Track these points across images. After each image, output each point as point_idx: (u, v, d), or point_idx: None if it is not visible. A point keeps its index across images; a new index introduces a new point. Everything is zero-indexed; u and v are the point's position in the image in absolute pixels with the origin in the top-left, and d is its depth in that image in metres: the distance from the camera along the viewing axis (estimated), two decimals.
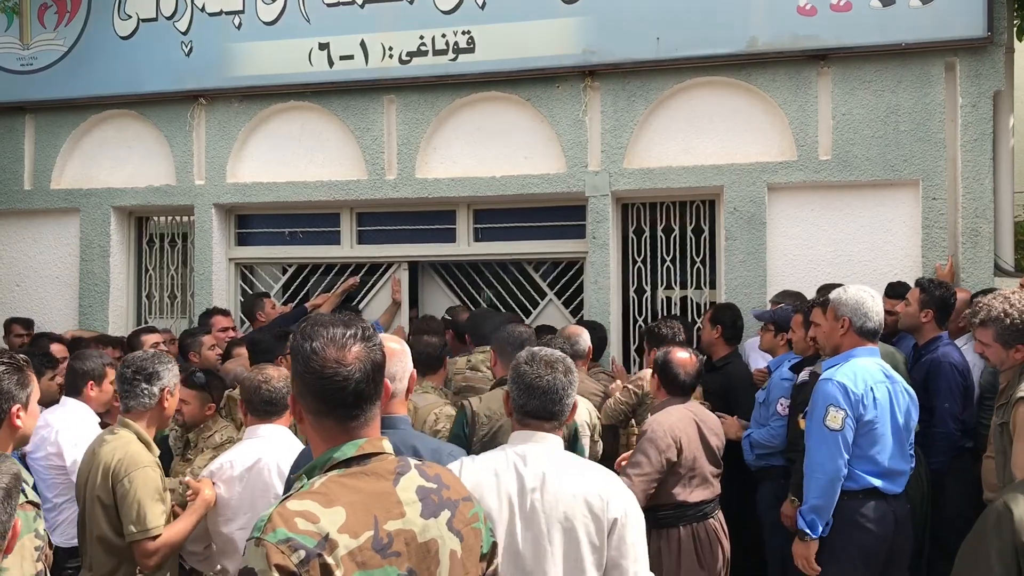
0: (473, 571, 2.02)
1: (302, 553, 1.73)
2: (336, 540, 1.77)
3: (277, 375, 3.73)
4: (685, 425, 4.13)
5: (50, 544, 2.96)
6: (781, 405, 4.96)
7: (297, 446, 3.56)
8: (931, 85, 5.97)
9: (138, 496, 3.33)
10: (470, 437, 3.92)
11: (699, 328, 6.07)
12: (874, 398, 3.86)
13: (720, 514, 4.25)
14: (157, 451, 3.57)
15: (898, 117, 6.02)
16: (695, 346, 5.81)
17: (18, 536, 1.96)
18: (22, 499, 2.67)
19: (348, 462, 1.91)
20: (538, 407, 2.63)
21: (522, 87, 6.64)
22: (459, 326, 6.21)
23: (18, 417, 2.92)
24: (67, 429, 4.22)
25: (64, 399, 4.48)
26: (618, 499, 2.54)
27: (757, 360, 5.73)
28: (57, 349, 5.62)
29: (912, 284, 5.23)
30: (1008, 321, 3.72)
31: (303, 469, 1.97)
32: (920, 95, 5.99)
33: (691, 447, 4.10)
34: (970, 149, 5.89)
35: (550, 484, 2.50)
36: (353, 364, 1.93)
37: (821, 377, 3.96)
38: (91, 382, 4.43)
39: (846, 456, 3.82)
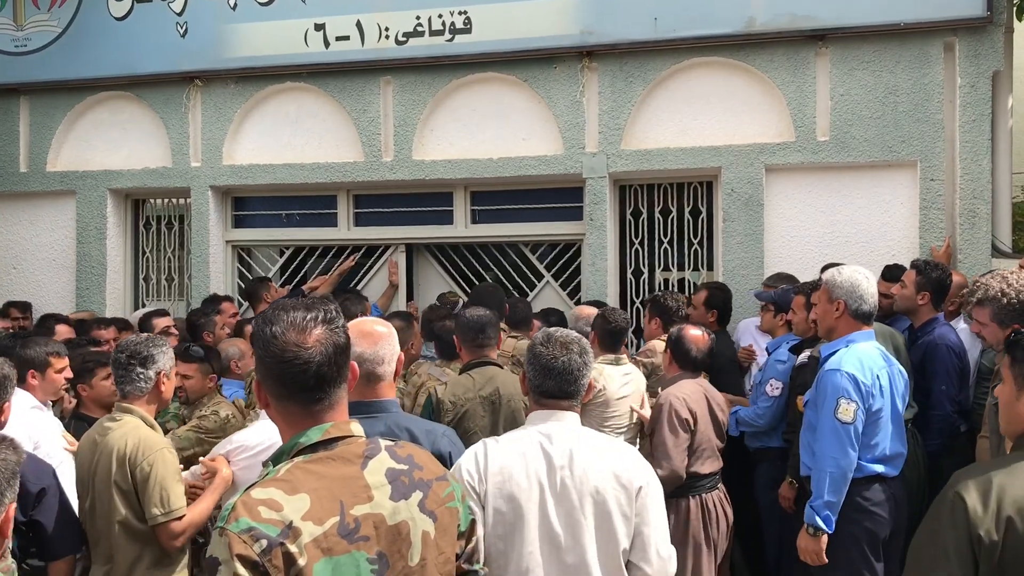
0: (449, 550, 2.02)
1: (264, 543, 1.73)
2: (300, 528, 1.77)
3: None
4: (698, 399, 4.38)
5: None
6: (771, 386, 4.96)
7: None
8: (930, 65, 5.94)
9: (159, 479, 3.34)
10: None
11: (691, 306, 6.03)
12: (880, 386, 3.83)
13: (722, 486, 4.46)
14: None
15: (896, 98, 5.99)
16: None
17: (10, 521, 1.96)
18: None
19: (314, 447, 1.90)
20: (554, 387, 2.67)
21: (519, 68, 6.61)
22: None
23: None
24: None
25: None
26: (642, 470, 2.62)
27: (747, 339, 5.73)
28: (63, 330, 5.60)
29: (908, 266, 5.23)
30: (1005, 300, 3.71)
31: (271, 456, 1.96)
32: (919, 75, 5.96)
33: (703, 421, 4.35)
34: (968, 130, 5.86)
35: (578, 459, 2.55)
36: (314, 347, 1.91)
37: (828, 367, 3.88)
38: (31, 371, 4.21)
39: (857, 448, 3.77)
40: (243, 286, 7.38)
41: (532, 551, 2.49)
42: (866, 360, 3.85)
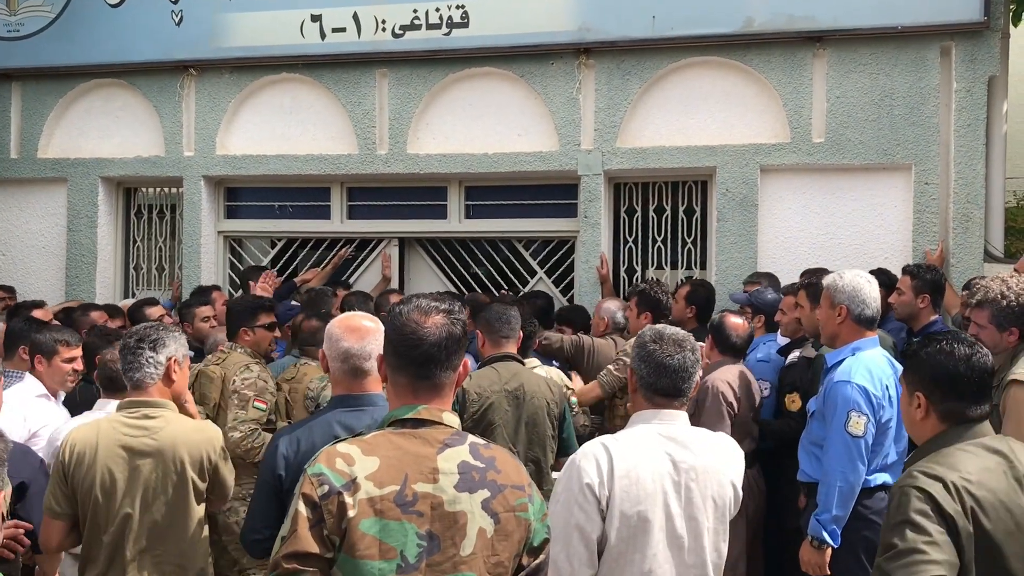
0: (504, 555, 2.07)
1: (326, 488, 1.96)
2: (360, 484, 1.97)
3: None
4: (741, 382, 4.54)
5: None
6: (762, 386, 4.96)
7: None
8: (926, 69, 5.95)
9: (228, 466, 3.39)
10: (461, 414, 3.95)
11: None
12: (889, 396, 3.80)
13: (758, 465, 4.61)
14: None
15: (892, 101, 6.00)
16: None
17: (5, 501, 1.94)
18: None
19: (403, 422, 2.10)
20: (669, 385, 2.67)
21: (516, 63, 6.59)
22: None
23: None
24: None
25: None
26: (743, 473, 2.75)
27: None
28: (39, 315, 5.55)
29: (895, 269, 5.23)
30: (1005, 303, 3.70)
31: (377, 425, 2.17)
32: (915, 79, 5.97)
33: (744, 403, 4.51)
34: (963, 134, 5.88)
35: (700, 464, 2.61)
36: (430, 328, 2.13)
37: (837, 378, 3.82)
38: (38, 355, 4.20)
39: (867, 462, 3.74)
40: (235, 276, 7.35)
41: (655, 553, 2.52)
42: (875, 370, 3.81)
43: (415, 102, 6.79)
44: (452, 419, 2.14)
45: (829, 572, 3.79)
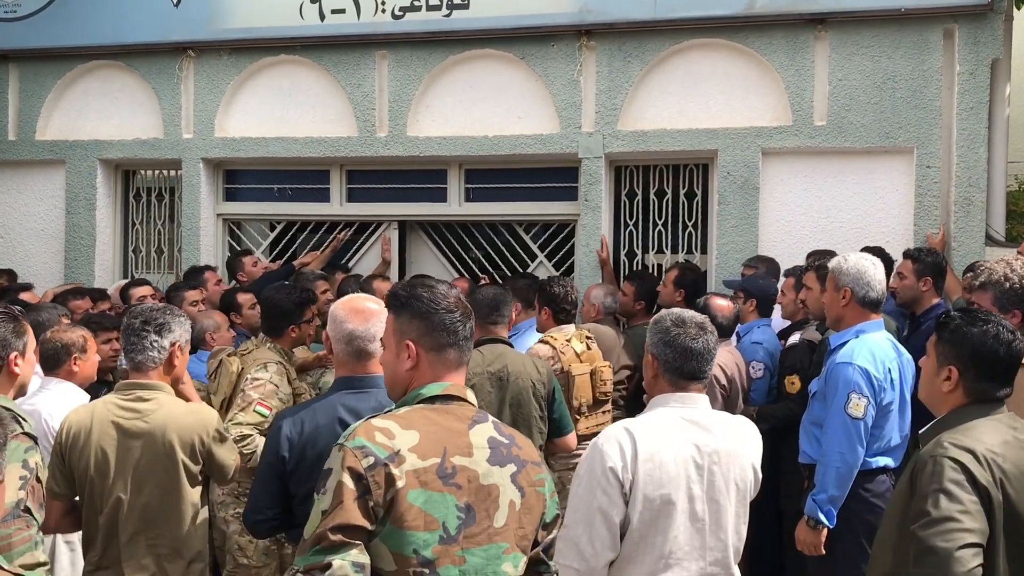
0: (529, 528, 2.17)
1: (371, 459, 1.98)
2: (405, 456, 2.01)
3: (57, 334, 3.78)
4: (731, 365, 4.65)
5: (39, 479, 2.87)
6: (753, 368, 4.98)
7: (67, 403, 3.59)
8: (929, 52, 5.92)
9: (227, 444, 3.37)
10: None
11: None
12: (891, 379, 3.80)
13: None
14: None
15: (895, 83, 5.98)
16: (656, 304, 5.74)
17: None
18: (17, 430, 2.74)
19: (433, 399, 2.16)
20: (695, 368, 2.68)
21: (517, 45, 6.55)
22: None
23: (16, 364, 2.98)
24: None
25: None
26: (760, 455, 2.77)
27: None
28: (27, 297, 5.54)
29: (896, 252, 5.22)
30: (1008, 285, 3.69)
31: (400, 404, 2.20)
32: (917, 62, 5.94)
33: (736, 382, 4.64)
34: (966, 117, 5.86)
35: (723, 447, 2.63)
36: (464, 309, 2.27)
37: (839, 360, 3.82)
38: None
39: (865, 444, 3.75)
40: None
41: (676, 535, 2.54)
42: (878, 352, 3.81)
43: (415, 84, 6.76)
44: (473, 396, 2.24)
45: (824, 552, 3.80)
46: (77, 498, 3.23)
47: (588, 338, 4.81)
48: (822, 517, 3.74)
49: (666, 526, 2.52)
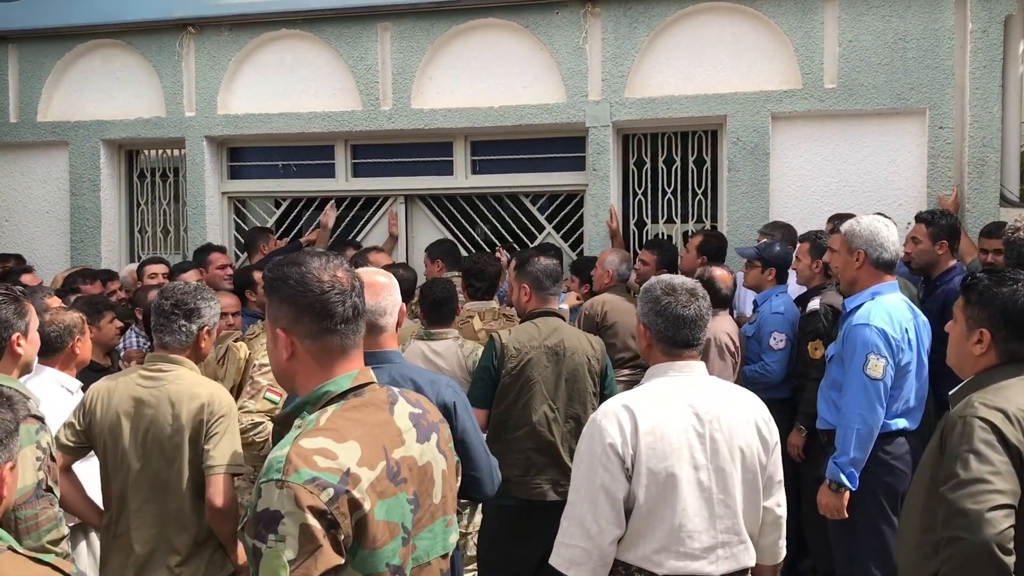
0: (452, 489, 2.13)
1: (331, 491, 1.74)
2: (358, 474, 1.79)
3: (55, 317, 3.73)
4: (732, 333, 4.77)
5: (53, 457, 2.91)
6: (774, 339, 4.94)
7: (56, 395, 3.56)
8: (941, 10, 5.82)
9: (232, 432, 3.20)
10: (499, 369, 3.95)
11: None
12: (908, 340, 3.77)
13: None
14: None
15: (906, 43, 5.87)
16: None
17: (5, 482, 1.93)
18: (25, 412, 2.75)
19: (344, 394, 1.94)
20: (688, 336, 2.64)
21: (521, 14, 6.46)
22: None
23: (19, 345, 2.99)
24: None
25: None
26: (774, 423, 2.70)
27: (745, 299, 5.66)
28: (28, 279, 5.51)
29: (910, 215, 5.15)
30: None
31: (291, 407, 1.97)
32: (929, 20, 5.83)
33: (739, 353, 4.75)
34: (979, 76, 5.76)
35: (724, 413, 2.57)
36: (344, 279, 1.98)
37: (856, 321, 3.79)
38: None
39: (885, 405, 3.72)
40: (240, 237, 7.29)
41: (685, 508, 2.48)
42: (894, 313, 3.77)
43: (418, 56, 6.68)
44: (373, 374, 2.05)
45: (848, 515, 3.77)
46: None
47: (504, 317, 4.85)
48: (844, 480, 3.71)
49: (674, 499, 2.47)
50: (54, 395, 3.58)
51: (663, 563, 2.47)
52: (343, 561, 1.75)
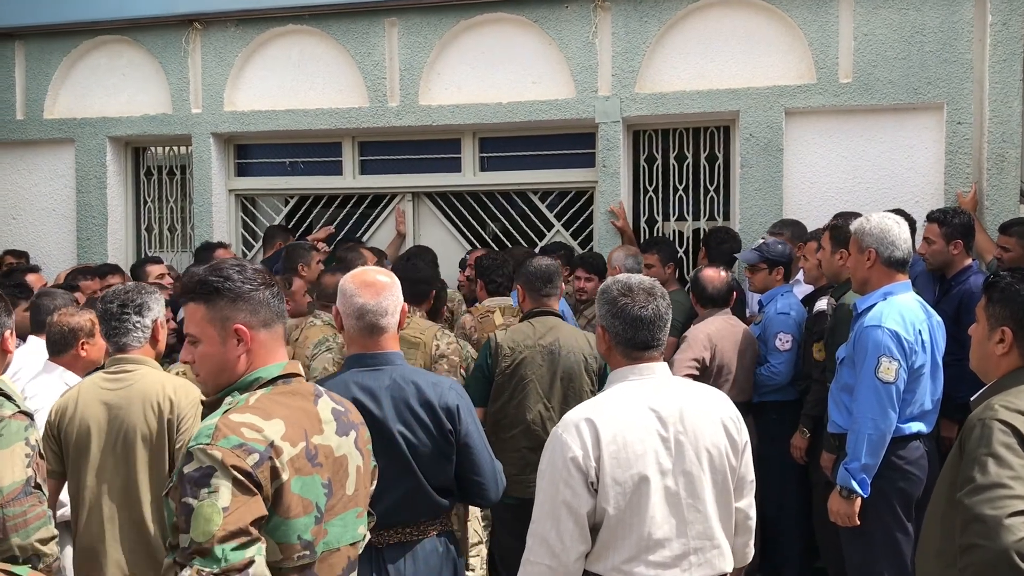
0: (366, 487, 2.29)
1: (256, 456, 1.91)
2: (280, 447, 1.97)
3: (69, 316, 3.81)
4: (723, 332, 4.68)
5: (41, 455, 2.89)
6: (780, 340, 4.85)
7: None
8: (959, 2, 5.68)
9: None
10: (492, 368, 4.06)
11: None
12: (922, 341, 3.66)
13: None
14: None
15: (923, 37, 5.74)
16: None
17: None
18: (13, 409, 2.81)
19: (274, 381, 2.13)
20: (647, 337, 2.54)
21: (529, 8, 6.36)
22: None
23: (7, 342, 3.00)
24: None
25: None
26: (742, 421, 2.61)
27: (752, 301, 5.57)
28: (34, 279, 5.47)
29: (922, 213, 5.04)
30: None
31: (230, 389, 2.13)
32: (947, 13, 5.70)
33: (726, 352, 4.64)
34: (999, 70, 5.61)
35: (688, 415, 2.47)
36: (269, 278, 2.21)
37: (867, 323, 3.69)
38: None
39: (897, 409, 3.62)
40: (248, 235, 7.23)
41: (653, 515, 2.39)
42: (907, 314, 3.67)
43: (426, 51, 6.59)
44: (298, 364, 2.24)
45: (860, 522, 3.67)
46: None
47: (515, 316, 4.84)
48: (855, 486, 3.61)
49: (642, 507, 2.38)
50: (59, 393, 3.53)
51: (633, 573, 2.38)
52: (267, 514, 1.92)
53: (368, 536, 2.31)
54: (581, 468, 2.36)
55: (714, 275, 4.83)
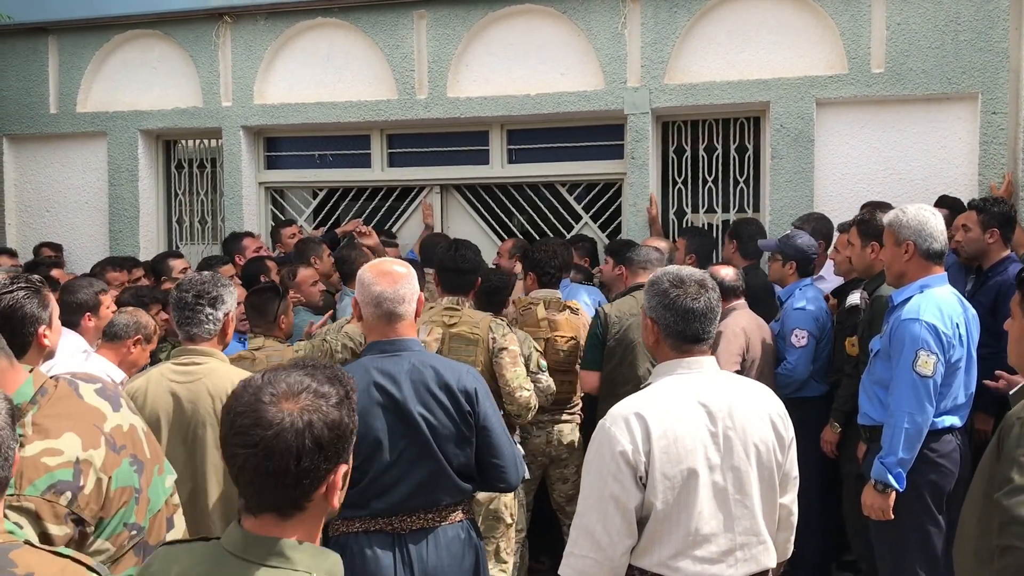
0: (152, 439, 2.40)
1: (68, 495, 1.93)
2: (90, 459, 2.02)
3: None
4: (753, 327, 4.77)
5: None
6: (796, 336, 4.79)
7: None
8: None
9: None
10: (604, 335, 4.54)
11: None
12: (959, 335, 3.62)
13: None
14: None
15: (958, 26, 5.66)
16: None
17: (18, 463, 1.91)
18: None
19: (32, 400, 2.10)
20: (698, 330, 2.50)
21: None
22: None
23: (45, 336, 3.00)
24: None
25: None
26: (788, 417, 2.59)
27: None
28: (56, 273, 5.55)
29: (966, 207, 4.96)
30: None
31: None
32: (982, 1, 5.62)
33: (756, 347, 4.72)
34: None
35: (737, 410, 2.45)
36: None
37: (905, 316, 3.63)
38: (87, 313, 4.17)
39: (935, 403, 3.57)
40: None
41: (701, 511, 2.37)
42: (945, 308, 3.62)
43: (454, 44, 6.59)
44: (42, 371, 2.31)
45: (893, 517, 3.63)
46: None
47: (568, 308, 4.90)
48: (891, 480, 3.57)
49: (690, 502, 2.35)
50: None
51: (680, 568, 2.36)
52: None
53: (176, 475, 2.47)
54: (630, 462, 2.33)
55: (726, 273, 4.85)
